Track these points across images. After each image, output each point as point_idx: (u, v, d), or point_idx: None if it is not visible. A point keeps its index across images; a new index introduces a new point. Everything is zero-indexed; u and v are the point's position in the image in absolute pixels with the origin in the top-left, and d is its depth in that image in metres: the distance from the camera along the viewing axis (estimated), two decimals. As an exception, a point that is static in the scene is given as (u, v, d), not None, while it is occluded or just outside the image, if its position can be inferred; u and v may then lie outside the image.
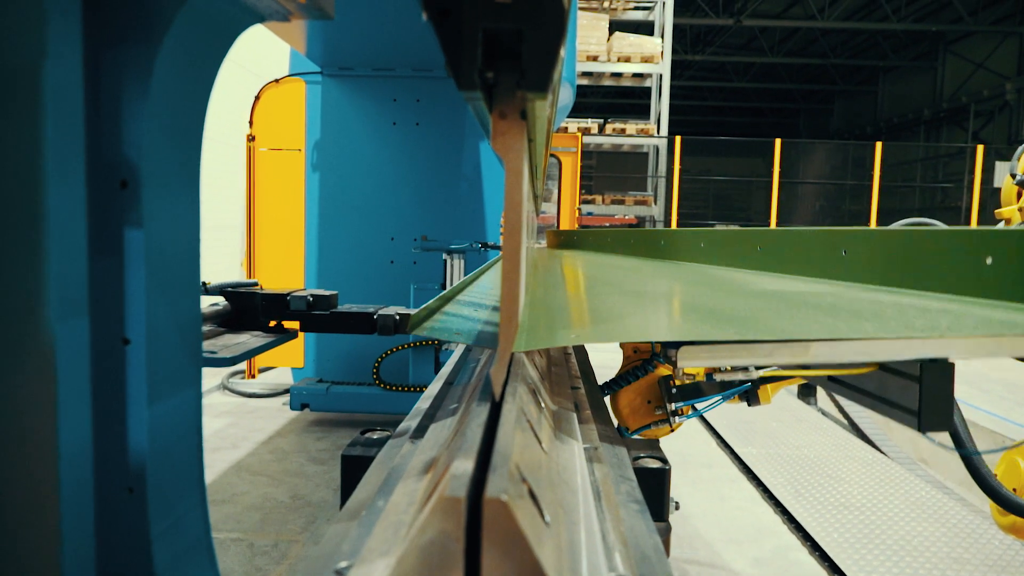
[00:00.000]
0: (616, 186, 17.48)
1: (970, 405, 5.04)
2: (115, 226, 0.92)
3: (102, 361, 0.92)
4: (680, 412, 1.84)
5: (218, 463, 4.25)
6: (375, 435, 1.15)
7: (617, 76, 15.75)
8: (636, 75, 15.74)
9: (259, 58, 7.95)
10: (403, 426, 1.13)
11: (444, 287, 4.34)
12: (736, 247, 1.75)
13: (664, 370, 1.84)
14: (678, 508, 1.15)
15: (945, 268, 1.17)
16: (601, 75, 15.63)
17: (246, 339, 2.05)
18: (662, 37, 15.53)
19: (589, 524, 0.68)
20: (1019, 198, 3.52)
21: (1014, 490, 1.97)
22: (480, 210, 4.87)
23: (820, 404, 5.86)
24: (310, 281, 4.97)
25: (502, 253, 0.73)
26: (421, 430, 1.07)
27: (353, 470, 1.02)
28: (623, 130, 16.03)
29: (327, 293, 2.26)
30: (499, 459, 0.56)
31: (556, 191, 9.22)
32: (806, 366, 1.54)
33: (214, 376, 6.11)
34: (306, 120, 4.93)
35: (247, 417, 5.23)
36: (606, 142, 16.22)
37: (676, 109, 24.61)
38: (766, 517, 3.56)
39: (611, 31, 15.19)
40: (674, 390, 1.82)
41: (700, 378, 1.92)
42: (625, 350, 1.88)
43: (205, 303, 2.39)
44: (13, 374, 0.79)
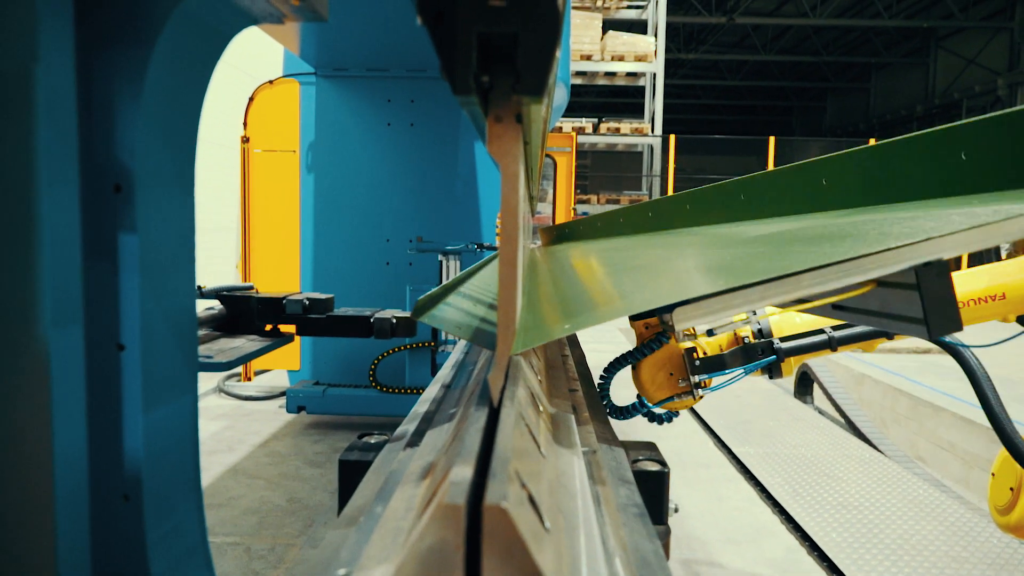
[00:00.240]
0: (611, 185, 17.49)
1: (968, 403, 5.06)
2: (109, 230, 0.92)
3: (97, 367, 0.92)
4: (703, 384, 1.87)
5: (214, 466, 4.24)
6: (372, 439, 1.14)
7: (611, 75, 15.77)
8: (630, 74, 15.76)
9: (253, 59, 7.93)
10: (400, 430, 1.13)
11: (440, 288, 4.32)
12: (720, 200, 1.73)
13: (687, 343, 1.87)
14: (677, 511, 1.14)
15: (922, 173, 1.16)
16: (595, 74, 15.64)
17: (242, 343, 2.04)
18: (655, 36, 15.56)
19: (589, 529, 0.68)
20: None
21: (1011, 489, 1.98)
22: (476, 211, 4.87)
23: (817, 403, 5.87)
24: (306, 283, 4.96)
25: (499, 257, 0.73)
26: (419, 434, 1.06)
27: (351, 475, 1.02)
28: (617, 129, 16.05)
29: (323, 296, 2.25)
30: (498, 465, 0.56)
31: (551, 191, 9.22)
32: (804, 300, 1.54)
33: (210, 379, 6.09)
34: (300, 121, 4.92)
35: (243, 420, 5.22)
36: (601, 141, 16.24)
37: (670, 108, 24.65)
38: (764, 517, 3.56)
39: (604, 30, 15.20)
40: (698, 362, 1.85)
41: (724, 349, 1.95)
42: (637, 328, 1.90)
43: (200, 307, 2.38)
44: (7, 380, 0.78)
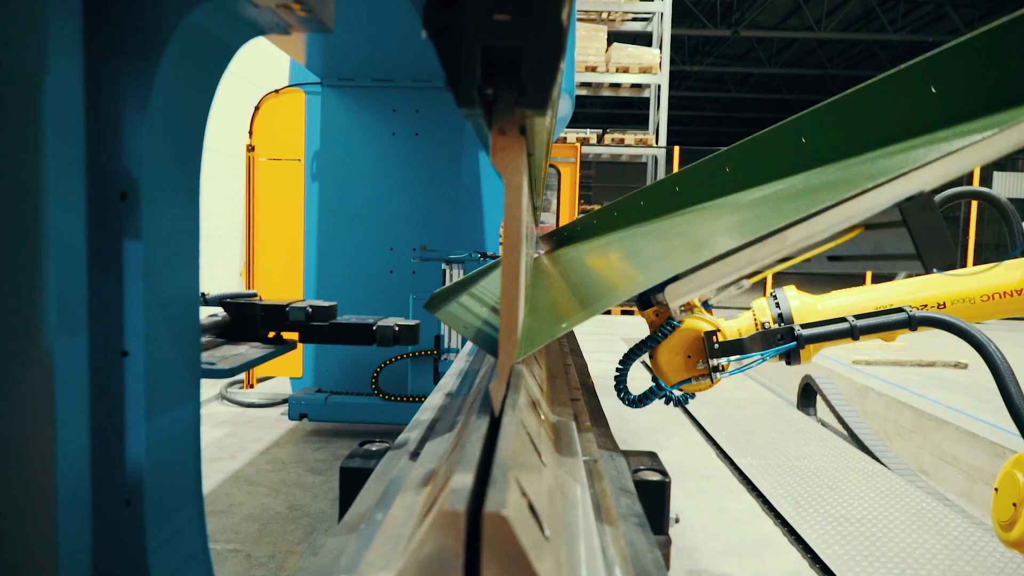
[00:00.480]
0: (615, 196, 17.45)
1: (970, 416, 5.04)
2: (114, 237, 0.93)
3: (100, 373, 0.92)
4: (721, 368, 1.87)
5: (216, 473, 4.24)
6: (374, 447, 1.15)
7: (616, 87, 15.80)
8: (634, 86, 15.79)
9: (258, 69, 7.98)
10: (402, 438, 1.13)
11: (443, 297, 4.32)
12: (707, 176, 1.73)
13: (706, 325, 1.88)
14: (678, 521, 1.14)
15: (897, 114, 1.17)
16: (600, 86, 15.68)
17: (245, 350, 2.04)
18: (660, 48, 15.59)
19: (589, 538, 0.68)
20: None
21: (1013, 504, 1.96)
22: (479, 220, 4.88)
23: (820, 415, 5.86)
24: (309, 291, 4.97)
25: (502, 268, 0.73)
26: (420, 442, 1.06)
27: (351, 482, 1.02)
28: (622, 140, 16.06)
29: (326, 304, 2.26)
30: (499, 473, 0.56)
31: (555, 201, 9.23)
32: (794, 256, 1.54)
33: (213, 386, 6.09)
34: (306, 130, 4.94)
35: (245, 427, 5.22)
36: (605, 152, 16.25)
37: (675, 119, 24.68)
38: (766, 529, 3.55)
39: (609, 42, 15.25)
40: (716, 346, 1.86)
41: (745, 333, 1.94)
42: (648, 317, 1.91)
43: (204, 314, 2.39)
44: (12, 384, 0.79)
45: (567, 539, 0.65)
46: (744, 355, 1.88)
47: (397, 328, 2.23)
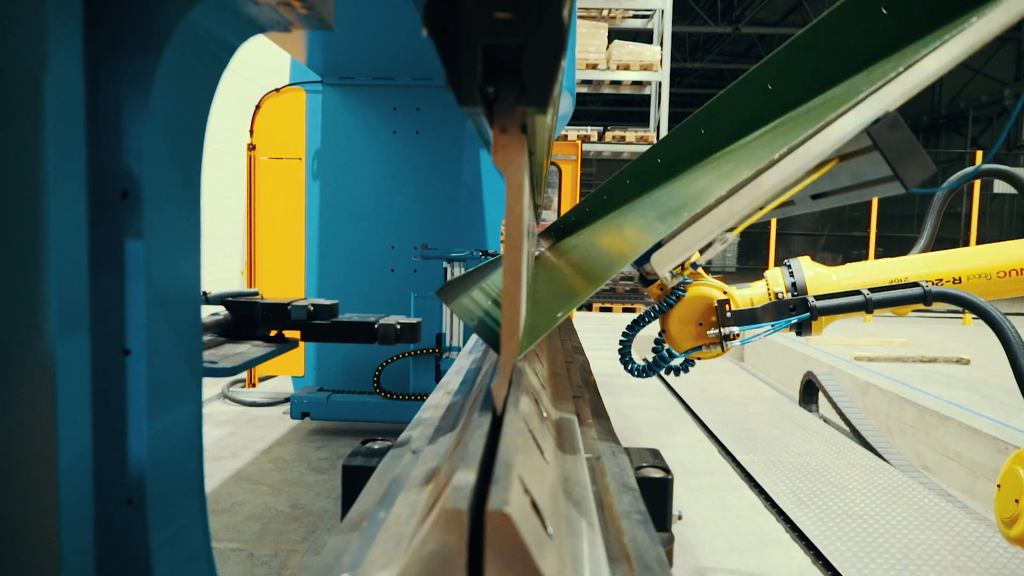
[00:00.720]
0: (616, 193, 17.43)
1: (972, 411, 5.03)
2: (116, 236, 0.92)
3: (102, 372, 0.92)
4: (732, 336, 1.87)
5: (218, 472, 4.24)
6: (376, 445, 1.15)
7: (616, 84, 15.79)
8: (635, 83, 15.77)
9: (259, 67, 7.98)
10: (404, 436, 1.13)
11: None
12: (684, 142, 1.73)
13: (719, 294, 1.89)
14: (681, 518, 1.14)
15: (854, 43, 1.18)
16: (600, 83, 15.67)
17: (246, 349, 2.05)
18: (661, 45, 15.58)
19: (592, 535, 0.68)
20: None
21: (1016, 501, 1.96)
22: (480, 218, 4.88)
23: (822, 411, 5.85)
24: (311, 290, 4.97)
25: (503, 267, 0.73)
26: (422, 440, 1.06)
27: (354, 481, 1.02)
28: (623, 138, 16.05)
29: (328, 302, 2.26)
30: (501, 470, 0.56)
31: (556, 199, 9.23)
32: (774, 199, 1.54)
33: (214, 385, 6.10)
34: (306, 129, 4.94)
35: (247, 426, 5.22)
36: (606, 150, 16.23)
37: (675, 117, 24.61)
38: (769, 526, 3.55)
39: (610, 39, 15.23)
40: (729, 314, 1.86)
41: (758, 303, 1.94)
42: (652, 293, 1.92)
43: (206, 313, 2.39)
44: (13, 385, 0.79)
45: (570, 536, 0.65)
46: (757, 324, 1.88)
47: (399, 326, 2.23)
